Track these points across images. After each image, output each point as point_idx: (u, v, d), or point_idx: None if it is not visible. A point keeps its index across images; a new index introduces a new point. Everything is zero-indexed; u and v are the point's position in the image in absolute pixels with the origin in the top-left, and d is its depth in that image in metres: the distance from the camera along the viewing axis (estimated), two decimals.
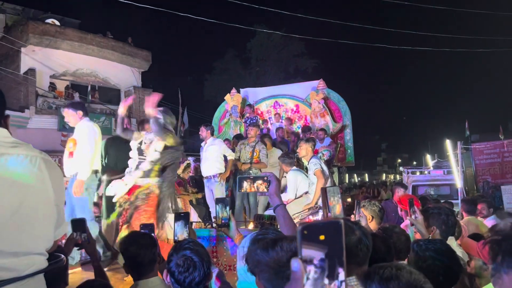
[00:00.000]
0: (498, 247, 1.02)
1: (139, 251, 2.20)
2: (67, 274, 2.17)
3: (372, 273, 1.22)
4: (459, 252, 2.63)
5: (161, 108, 4.65)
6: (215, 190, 6.51)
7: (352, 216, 3.35)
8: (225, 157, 6.86)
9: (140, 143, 4.69)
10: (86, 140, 4.68)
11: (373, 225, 3.40)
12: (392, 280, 1.18)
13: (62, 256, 1.54)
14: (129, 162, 4.68)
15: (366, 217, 3.46)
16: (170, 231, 4.91)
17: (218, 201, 2.38)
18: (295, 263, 0.68)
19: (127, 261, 2.26)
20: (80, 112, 4.81)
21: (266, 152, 6.99)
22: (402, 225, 3.28)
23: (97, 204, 6.82)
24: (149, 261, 2.19)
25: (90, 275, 2.70)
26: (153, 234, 2.60)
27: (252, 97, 11.15)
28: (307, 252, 0.68)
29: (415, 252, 2.09)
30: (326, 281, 0.68)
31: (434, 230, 2.79)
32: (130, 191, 4.42)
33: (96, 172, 4.87)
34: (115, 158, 5.51)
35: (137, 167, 4.52)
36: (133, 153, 4.69)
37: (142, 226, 2.98)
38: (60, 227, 1.56)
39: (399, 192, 5.79)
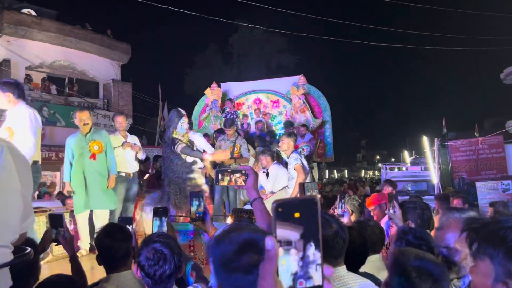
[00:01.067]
0: (475, 235, 1.04)
1: (113, 244, 2.17)
2: (38, 268, 2.10)
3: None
4: None
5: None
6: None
7: (335, 210, 3.38)
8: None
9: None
10: (28, 130, 4.04)
11: (352, 219, 3.44)
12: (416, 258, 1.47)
13: (29, 249, 1.48)
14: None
15: (349, 212, 3.50)
16: (147, 225, 4.87)
17: (192, 195, 2.35)
18: (269, 241, 0.66)
19: (100, 253, 2.22)
20: (10, 94, 4.04)
21: (247, 146, 6.98)
22: (382, 221, 3.32)
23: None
24: (122, 255, 2.15)
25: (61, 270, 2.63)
26: (129, 227, 2.55)
27: (232, 91, 11.09)
28: (281, 230, 0.66)
29: (397, 234, 2.14)
30: (301, 260, 0.66)
31: (410, 225, 2.83)
32: None
33: (35, 162, 4.22)
34: None
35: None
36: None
37: (120, 219, 2.93)
38: (27, 219, 1.50)
39: (387, 189, 5.89)
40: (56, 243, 2.39)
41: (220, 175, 2.06)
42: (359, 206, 3.69)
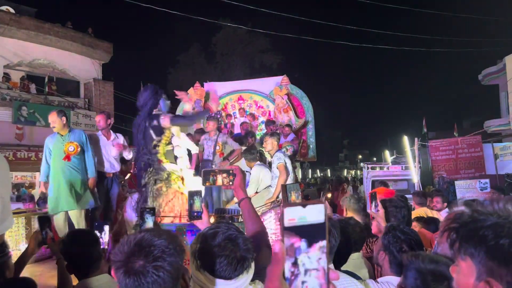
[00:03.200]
0: (455, 234, 1.05)
1: (83, 249, 2.10)
2: (6, 270, 2.02)
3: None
4: None
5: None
6: None
7: None
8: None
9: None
10: None
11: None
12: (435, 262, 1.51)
13: (7, 250, 1.46)
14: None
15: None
16: (128, 226, 4.82)
17: (191, 194, 2.33)
18: (277, 245, 0.66)
19: (70, 261, 2.14)
20: None
21: (226, 139, 7.01)
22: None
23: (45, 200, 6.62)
24: (94, 259, 2.10)
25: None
26: (105, 230, 2.48)
27: (216, 91, 11.06)
28: (289, 234, 0.66)
29: (385, 229, 2.18)
30: (307, 264, 0.66)
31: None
32: None
33: None
34: None
35: None
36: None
37: (96, 225, 2.87)
38: (5, 221, 1.48)
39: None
40: (46, 246, 2.36)
41: (206, 176, 2.04)
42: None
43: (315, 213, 0.67)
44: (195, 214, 2.20)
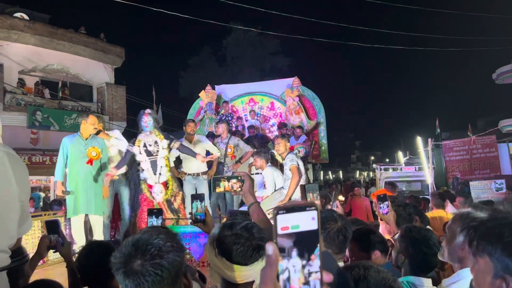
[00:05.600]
0: (474, 233, 1.06)
1: (96, 262, 2.01)
2: (22, 275, 2.00)
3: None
4: None
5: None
6: (201, 188, 6.40)
7: (329, 207, 3.42)
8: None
9: (145, 145, 5.45)
10: None
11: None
12: (361, 281, 1.20)
13: (25, 253, 1.48)
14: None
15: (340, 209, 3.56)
16: None
17: (193, 197, 2.34)
18: (270, 247, 0.66)
19: (82, 272, 2.10)
20: None
21: (237, 141, 7.02)
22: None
23: (61, 203, 6.65)
24: (108, 273, 2.04)
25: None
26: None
27: (227, 94, 11.11)
28: (282, 236, 0.66)
29: (401, 232, 2.17)
30: (300, 266, 0.66)
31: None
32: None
33: None
34: None
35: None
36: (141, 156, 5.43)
37: (112, 240, 2.87)
38: (24, 224, 1.50)
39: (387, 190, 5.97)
40: (53, 250, 2.36)
41: (216, 182, 2.07)
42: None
43: (308, 221, 0.66)
44: (199, 217, 2.22)
